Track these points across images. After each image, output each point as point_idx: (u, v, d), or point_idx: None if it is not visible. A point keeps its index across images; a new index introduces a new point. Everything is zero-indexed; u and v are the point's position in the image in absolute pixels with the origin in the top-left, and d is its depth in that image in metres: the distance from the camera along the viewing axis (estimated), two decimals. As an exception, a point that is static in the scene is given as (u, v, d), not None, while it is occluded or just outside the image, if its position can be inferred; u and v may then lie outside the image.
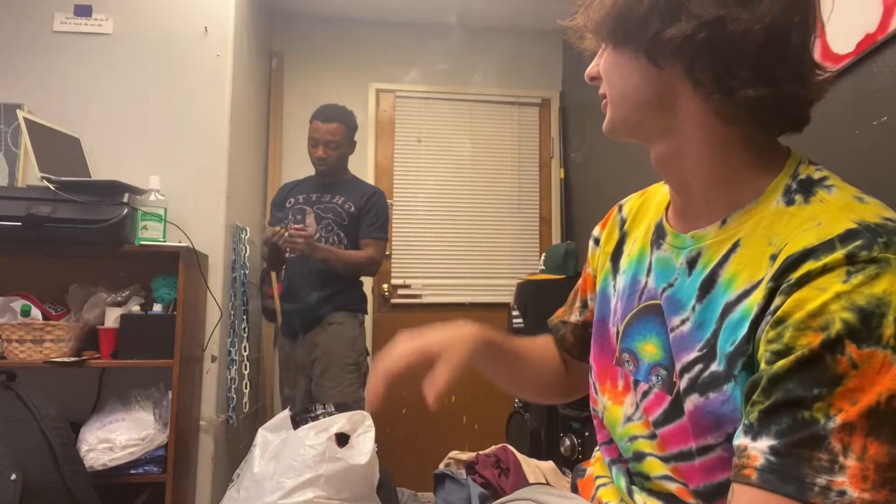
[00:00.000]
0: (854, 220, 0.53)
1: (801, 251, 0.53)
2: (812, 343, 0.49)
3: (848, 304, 0.48)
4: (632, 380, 0.72)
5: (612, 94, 0.69)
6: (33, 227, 1.82)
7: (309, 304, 2.33)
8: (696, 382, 0.61)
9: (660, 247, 0.73)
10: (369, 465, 1.72)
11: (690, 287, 0.65)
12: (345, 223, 2.41)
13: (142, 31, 2.31)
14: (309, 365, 2.36)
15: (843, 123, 1.30)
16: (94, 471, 1.79)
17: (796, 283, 0.52)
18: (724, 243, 0.63)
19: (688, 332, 0.64)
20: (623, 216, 0.85)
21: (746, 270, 0.59)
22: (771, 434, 0.49)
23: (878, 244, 0.50)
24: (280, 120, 3.26)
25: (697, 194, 0.67)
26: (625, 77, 0.67)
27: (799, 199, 0.60)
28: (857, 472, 0.46)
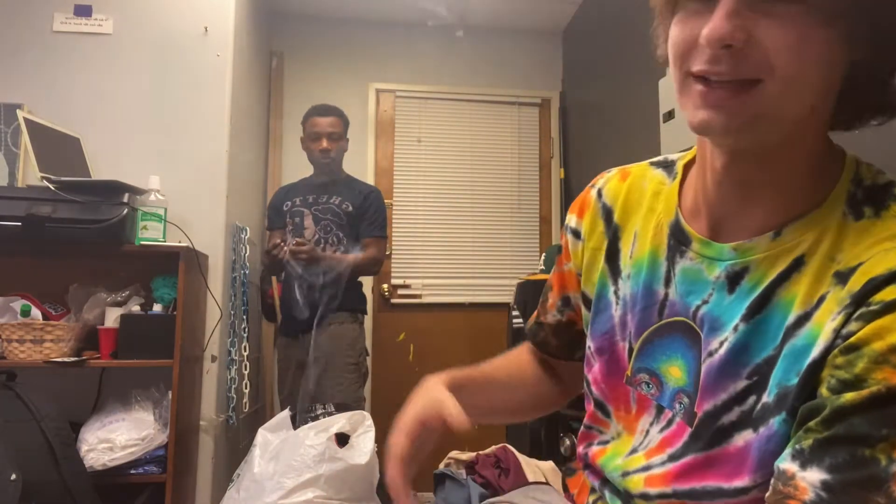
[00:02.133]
0: None
1: (886, 273, 0.47)
2: (889, 380, 0.44)
3: None
4: (653, 405, 0.64)
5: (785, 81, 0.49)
6: (33, 227, 1.82)
7: (309, 304, 2.34)
8: (751, 416, 0.54)
9: (682, 254, 0.63)
10: (369, 465, 1.72)
11: (733, 306, 0.57)
12: (343, 223, 2.42)
13: (142, 31, 2.31)
14: (309, 365, 2.36)
15: (843, 123, 1.30)
16: (94, 471, 1.79)
17: (880, 310, 0.46)
18: (781, 259, 0.55)
19: (727, 356, 0.56)
20: (606, 204, 0.73)
21: (809, 289, 0.52)
22: (824, 466, 0.45)
23: None
24: (280, 120, 3.26)
25: (753, 199, 0.57)
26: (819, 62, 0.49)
27: (868, 211, 0.53)
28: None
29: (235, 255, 2.44)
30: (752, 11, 0.48)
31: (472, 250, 3.40)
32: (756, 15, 0.48)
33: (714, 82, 0.50)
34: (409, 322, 3.32)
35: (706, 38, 0.49)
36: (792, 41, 0.47)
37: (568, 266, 0.79)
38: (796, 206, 0.56)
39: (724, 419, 0.56)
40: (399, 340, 3.32)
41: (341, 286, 2.38)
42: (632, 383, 0.66)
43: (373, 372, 3.03)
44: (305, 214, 2.44)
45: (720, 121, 0.51)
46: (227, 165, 2.32)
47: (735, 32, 0.48)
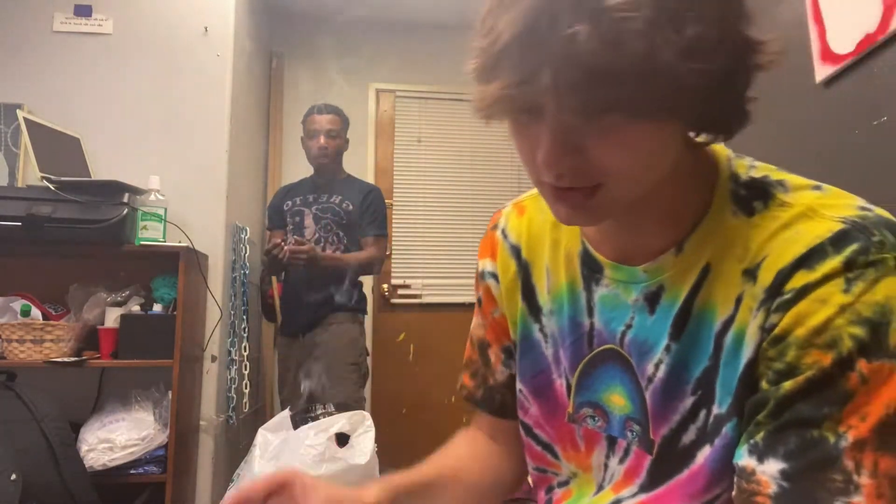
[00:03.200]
0: (837, 219, 0.50)
1: (791, 262, 0.49)
2: (821, 362, 0.46)
3: (854, 318, 0.46)
4: (603, 437, 0.63)
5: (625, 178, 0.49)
6: (33, 227, 1.82)
7: (309, 304, 2.33)
8: (706, 430, 0.54)
9: (598, 282, 0.62)
10: (369, 465, 1.72)
11: (658, 327, 0.57)
12: (343, 222, 2.41)
13: (142, 31, 2.31)
14: (309, 365, 2.36)
15: (843, 123, 1.30)
16: (94, 471, 1.79)
17: (793, 298, 0.48)
18: (690, 272, 0.56)
19: (667, 377, 0.57)
20: (512, 242, 0.72)
21: (724, 293, 0.54)
22: (779, 456, 0.47)
23: (874, 245, 0.48)
24: (280, 120, 3.26)
25: (648, 225, 0.58)
26: (652, 155, 0.50)
27: (758, 205, 0.54)
28: (872, 490, 0.44)
29: (235, 255, 2.44)
30: (576, 132, 0.46)
31: (472, 250, 3.39)
32: (581, 133, 0.46)
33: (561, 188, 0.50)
34: (409, 322, 3.32)
35: (542, 166, 0.48)
36: (619, 147, 0.47)
37: (497, 313, 0.74)
38: (687, 218, 0.56)
39: (683, 440, 0.56)
40: (399, 340, 3.32)
41: (341, 286, 2.38)
42: (575, 420, 0.65)
43: (373, 372, 3.03)
44: (306, 214, 2.44)
45: (579, 217, 0.53)
46: (227, 165, 2.32)
47: (564, 160, 0.47)
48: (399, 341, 3.31)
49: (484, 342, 0.77)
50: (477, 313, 0.78)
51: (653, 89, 0.42)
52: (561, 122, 0.46)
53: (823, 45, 1.34)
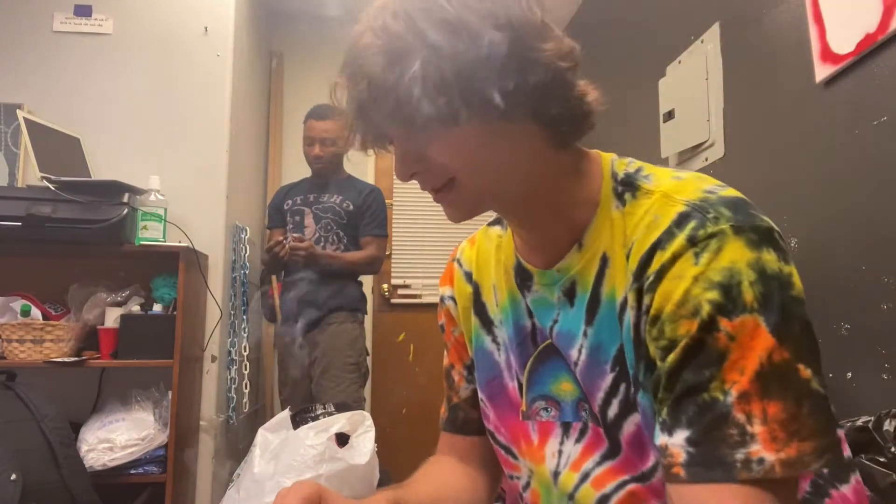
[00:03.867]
0: (681, 202, 0.57)
1: (649, 246, 0.56)
2: (690, 330, 0.51)
3: (707, 284, 0.51)
4: (557, 425, 0.68)
5: (465, 176, 0.60)
6: (33, 227, 1.82)
7: (309, 304, 2.33)
8: (628, 401, 0.60)
9: (530, 289, 0.70)
10: (369, 465, 1.72)
11: (576, 316, 0.64)
12: (343, 222, 2.42)
13: (142, 31, 2.31)
14: (308, 365, 2.36)
15: (843, 123, 1.30)
16: (94, 471, 1.79)
17: (655, 279, 0.55)
18: (592, 263, 0.63)
19: (588, 358, 0.63)
20: (465, 269, 0.81)
21: (618, 278, 0.61)
22: (682, 425, 0.51)
23: (709, 219, 0.54)
24: (280, 120, 3.26)
25: (549, 226, 0.66)
26: (478, 149, 0.58)
27: (628, 196, 0.62)
28: (766, 436, 0.48)
29: (235, 255, 2.44)
30: (411, 146, 0.60)
31: (472, 250, 3.39)
32: (414, 148, 0.59)
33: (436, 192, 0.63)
34: (409, 322, 3.32)
35: (399, 178, 0.62)
36: (449, 150, 0.58)
37: (457, 331, 0.82)
38: (581, 218, 0.64)
39: (609, 413, 0.62)
40: (399, 340, 3.32)
41: (341, 285, 2.38)
42: (529, 416, 0.70)
43: (373, 372, 3.03)
44: (306, 213, 2.44)
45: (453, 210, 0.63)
46: (227, 165, 2.32)
47: (407, 170, 0.61)
48: (399, 341, 3.31)
49: (449, 367, 0.84)
50: (445, 337, 0.86)
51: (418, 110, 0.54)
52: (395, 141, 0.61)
53: (823, 45, 1.34)
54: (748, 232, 0.53)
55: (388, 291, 3.31)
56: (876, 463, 0.97)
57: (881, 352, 1.18)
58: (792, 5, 1.46)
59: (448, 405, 0.84)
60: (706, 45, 1.84)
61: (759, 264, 0.52)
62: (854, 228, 1.27)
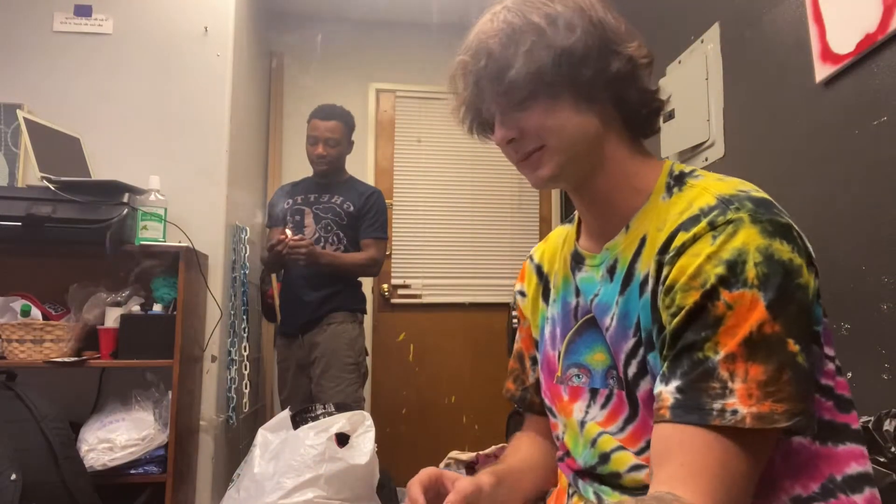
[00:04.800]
0: (714, 196, 0.66)
1: (675, 227, 0.66)
2: (695, 298, 0.60)
3: (717, 261, 0.60)
4: (586, 391, 0.77)
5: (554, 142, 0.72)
6: (33, 227, 1.82)
7: (308, 304, 2.33)
8: (645, 365, 0.68)
9: (581, 269, 0.80)
10: (369, 465, 1.72)
11: (613, 289, 0.73)
12: (344, 223, 2.41)
13: (142, 31, 2.31)
14: (308, 365, 2.36)
15: (843, 123, 1.30)
16: (94, 471, 1.79)
17: (676, 254, 0.64)
18: (633, 244, 0.72)
19: (617, 324, 0.72)
20: (537, 263, 0.92)
21: (650, 255, 0.69)
22: (676, 377, 0.60)
23: (731, 209, 0.63)
24: (280, 120, 3.26)
25: (608, 208, 0.76)
26: (569, 120, 0.71)
27: (675, 190, 0.72)
28: (743, 392, 0.57)
29: (235, 255, 2.44)
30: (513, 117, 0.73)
31: (472, 250, 3.40)
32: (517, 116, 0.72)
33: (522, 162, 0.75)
34: (409, 322, 3.32)
35: (498, 143, 0.76)
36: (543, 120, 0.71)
37: (526, 324, 0.94)
38: (633, 204, 0.75)
39: (629, 372, 0.70)
40: (399, 340, 3.32)
41: (340, 286, 2.37)
42: (562, 381, 0.81)
43: (373, 372, 3.03)
44: (306, 213, 2.44)
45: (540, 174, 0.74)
46: (227, 165, 2.32)
47: (507, 133, 0.74)
48: (399, 341, 3.31)
49: (521, 352, 0.96)
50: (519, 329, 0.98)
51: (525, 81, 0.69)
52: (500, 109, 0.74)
53: (823, 45, 1.34)
54: (765, 223, 0.61)
55: (388, 291, 3.31)
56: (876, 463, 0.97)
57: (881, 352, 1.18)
58: (792, 5, 1.46)
59: (521, 386, 0.96)
60: (706, 45, 1.84)
61: (768, 250, 0.59)
62: (854, 228, 1.27)
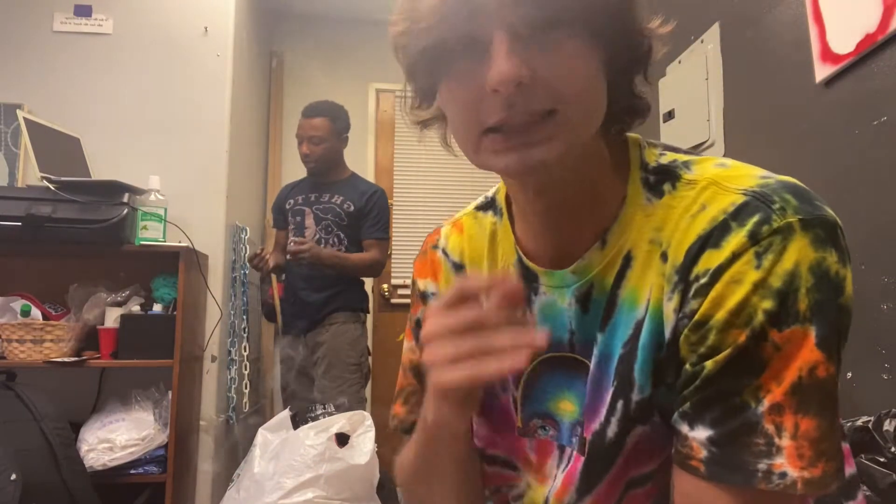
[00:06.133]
0: (738, 191, 0.51)
1: (697, 240, 0.50)
2: (738, 340, 0.48)
3: (766, 292, 0.47)
4: (555, 446, 0.63)
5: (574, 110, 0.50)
6: (33, 227, 1.82)
7: (310, 304, 2.32)
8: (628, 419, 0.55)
9: (536, 291, 0.62)
10: (369, 465, 1.72)
11: (592, 323, 0.58)
12: (344, 223, 2.39)
13: (142, 31, 2.31)
14: (311, 365, 2.35)
15: (843, 123, 1.30)
16: (94, 471, 1.79)
17: (708, 282, 0.49)
18: (614, 263, 0.56)
19: (596, 370, 0.57)
20: (455, 261, 0.71)
21: (644, 279, 0.54)
22: (706, 423, 0.49)
23: (775, 211, 0.48)
24: (280, 120, 3.26)
25: (584, 219, 0.58)
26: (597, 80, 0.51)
27: (668, 187, 0.55)
28: (793, 452, 0.46)
29: (235, 255, 2.44)
30: (527, 48, 0.47)
31: (472, 250, 3.40)
32: (531, 51, 0.47)
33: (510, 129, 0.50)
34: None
35: (497, 83, 0.47)
36: (574, 68, 0.49)
37: None
38: (607, 211, 0.57)
39: (608, 434, 0.56)
40: (399, 340, 3.30)
41: (343, 286, 2.36)
42: (526, 433, 0.64)
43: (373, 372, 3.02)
44: (306, 213, 2.42)
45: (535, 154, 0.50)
46: (227, 165, 2.32)
47: (521, 68, 0.47)
48: (399, 341, 3.30)
49: (419, 366, 0.72)
50: (410, 339, 0.77)
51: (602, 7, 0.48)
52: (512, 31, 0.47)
53: (823, 45, 1.34)
54: (816, 227, 0.48)
55: (388, 291, 3.31)
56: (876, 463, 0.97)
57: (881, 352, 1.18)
58: (792, 5, 1.46)
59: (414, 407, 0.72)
60: (706, 45, 1.84)
61: (821, 268, 0.47)
62: (854, 228, 1.27)
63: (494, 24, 0.47)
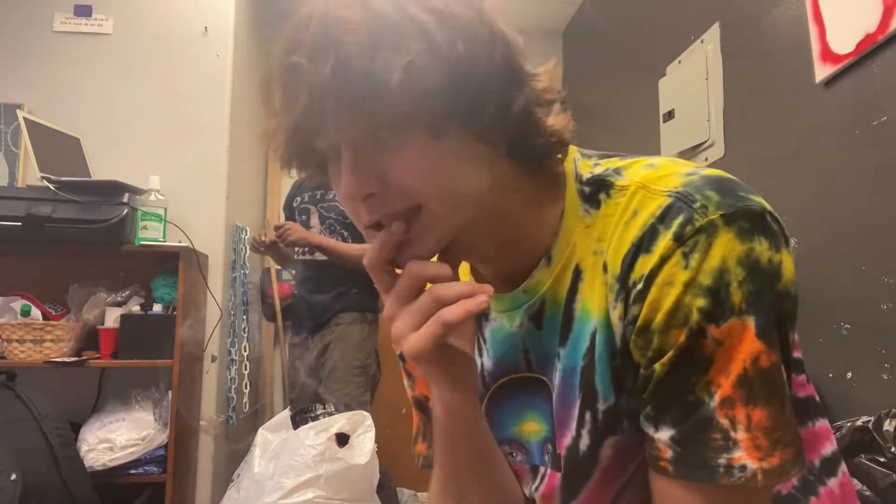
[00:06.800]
0: (663, 193, 0.51)
1: (630, 247, 0.51)
2: (679, 340, 0.48)
3: (696, 291, 0.48)
4: (527, 469, 0.62)
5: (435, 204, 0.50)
6: (33, 227, 1.82)
7: (317, 305, 2.27)
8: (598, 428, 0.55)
9: (486, 317, 0.63)
10: (369, 465, 1.72)
11: (549, 338, 0.58)
12: (347, 221, 2.32)
13: (142, 31, 2.31)
14: (318, 367, 2.28)
15: (843, 123, 1.30)
16: (94, 471, 1.79)
17: (644, 287, 0.50)
18: (563, 277, 0.56)
19: (561, 385, 0.57)
20: None
21: (593, 291, 0.55)
22: (667, 423, 0.49)
23: (697, 210, 0.48)
24: (280, 120, 3.25)
25: (514, 257, 0.58)
26: (454, 170, 0.50)
27: (602, 197, 0.55)
28: (749, 444, 0.47)
29: (235, 255, 2.44)
30: (372, 159, 0.48)
31: (472, 250, 3.39)
32: (378, 160, 0.48)
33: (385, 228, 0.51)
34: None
35: (346, 198, 0.50)
36: (425, 166, 0.49)
37: None
38: (548, 229, 0.57)
39: (581, 446, 0.56)
40: (399, 340, 3.31)
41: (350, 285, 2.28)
42: None
43: (373, 372, 3.01)
44: (312, 212, 2.36)
45: (418, 249, 0.51)
46: (227, 165, 2.32)
47: (367, 182, 0.49)
48: (399, 341, 3.30)
49: (420, 400, 0.73)
50: (404, 375, 0.76)
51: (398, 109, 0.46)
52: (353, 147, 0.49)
53: (823, 45, 1.34)
54: (739, 220, 0.48)
55: (388, 291, 3.30)
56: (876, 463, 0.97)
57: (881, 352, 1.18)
58: (792, 5, 1.46)
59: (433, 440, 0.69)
60: (706, 45, 1.84)
61: (749, 258, 0.48)
62: (854, 228, 1.27)
63: (339, 140, 0.49)
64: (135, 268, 2.15)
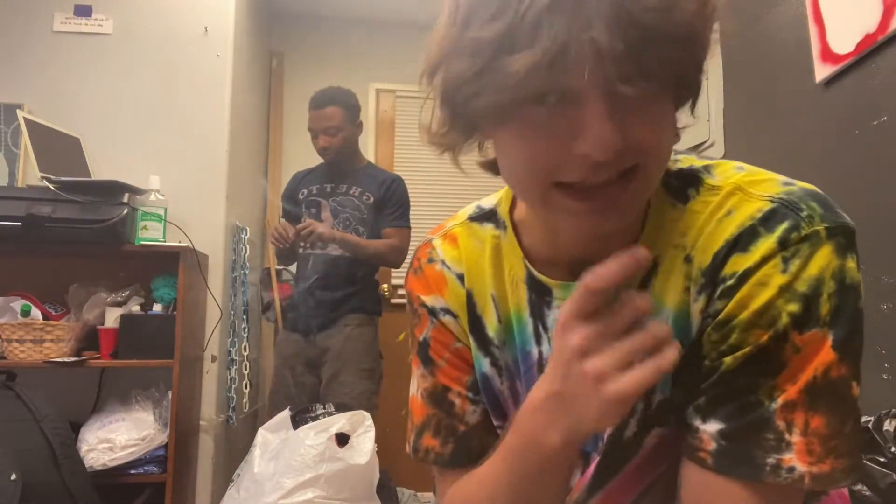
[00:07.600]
0: (764, 197, 0.51)
1: (724, 244, 0.51)
2: (760, 339, 0.48)
3: (791, 296, 0.48)
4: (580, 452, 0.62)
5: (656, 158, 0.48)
6: (33, 227, 1.82)
7: (324, 303, 2.21)
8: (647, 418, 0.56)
9: (549, 306, 0.60)
10: (369, 465, 1.72)
11: None
12: (364, 217, 2.26)
13: (142, 31, 2.31)
14: (319, 366, 2.24)
15: (843, 123, 1.30)
16: (94, 471, 1.79)
17: (735, 284, 0.50)
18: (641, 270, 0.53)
19: None
20: (456, 271, 0.67)
21: (669, 284, 0.54)
22: (719, 417, 0.50)
23: (804, 219, 0.49)
24: (280, 120, 3.26)
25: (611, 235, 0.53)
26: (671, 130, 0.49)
27: (692, 192, 0.55)
28: (802, 447, 0.47)
29: (235, 255, 2.44)
30: (622, 109, 0.44)
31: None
32: (626, 113, 0.44)
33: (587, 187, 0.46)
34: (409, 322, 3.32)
35: (597, 151, 0.43)
36: (661, 125, 0.47)
37: (458, 344, 0.68)
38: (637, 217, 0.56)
39: (626, 434, 0.57)
40: (399, 340, 3.31)
41: (358, 286, 2.24)
42: None
43: (373, 372, 3.02)
44: (323, 206, 2.29)
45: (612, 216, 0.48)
46: (227, 165, 2.32)
47: (617, 140, 0.43)
48: (399, 341, 3.31)
49: (438, 391, 0.69)
50: (417, 364, 0.73)
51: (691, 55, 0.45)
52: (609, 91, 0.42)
53: (823, 45, 1.34)
54: (839, 235, 0.49)
55: (387, 291, 3.31)
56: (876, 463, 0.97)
57: (881, 352, 1.18)
58: (792, 5, 1.46)
59: (452, 436, 0.68)
60: (706, 45, 1.84)
61: (841, 273, 0.49)
62: (854, 228, 1.27)
63: (591, 80, 0.42)
64: (135, 268, 2.15)
